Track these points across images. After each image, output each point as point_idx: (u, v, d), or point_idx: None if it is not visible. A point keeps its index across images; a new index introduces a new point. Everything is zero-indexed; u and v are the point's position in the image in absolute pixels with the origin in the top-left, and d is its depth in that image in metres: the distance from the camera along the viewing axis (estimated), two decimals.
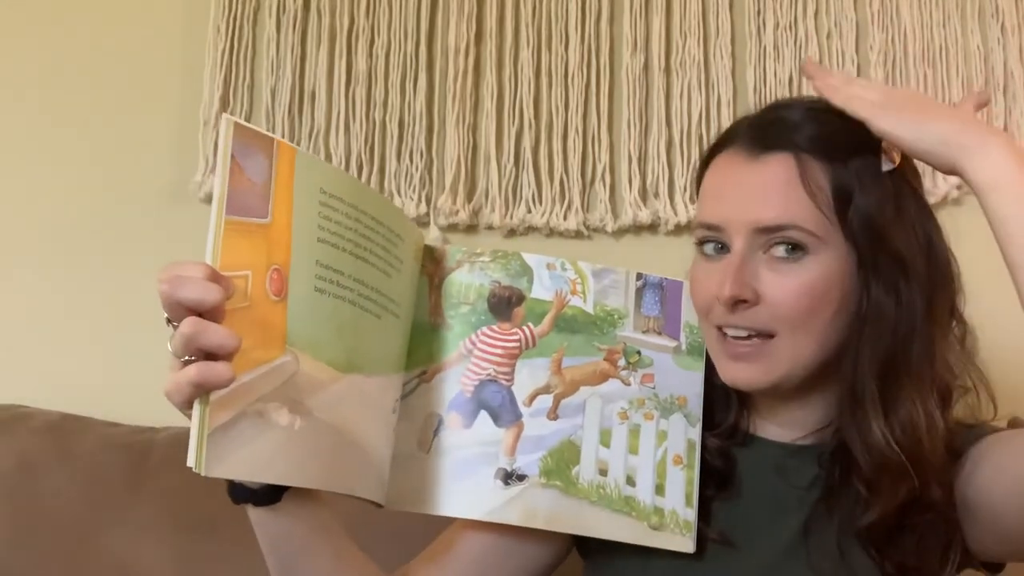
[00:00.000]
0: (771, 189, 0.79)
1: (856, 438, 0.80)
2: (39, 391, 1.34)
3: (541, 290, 0.86)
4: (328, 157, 1.40)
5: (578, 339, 0.85)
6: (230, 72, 1.41)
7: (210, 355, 0.61)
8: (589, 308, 0.86)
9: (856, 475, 0.80)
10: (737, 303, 0.79)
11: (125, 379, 1.36)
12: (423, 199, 1.39)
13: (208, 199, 1.37)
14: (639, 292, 0.88)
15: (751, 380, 0.82)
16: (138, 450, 1.24)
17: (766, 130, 0.83)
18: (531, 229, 1.40)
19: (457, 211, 1.38)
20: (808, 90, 1.36)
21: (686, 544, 0.82)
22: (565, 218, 1.38)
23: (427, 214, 1.39)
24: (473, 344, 0.84)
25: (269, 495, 0.75)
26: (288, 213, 0.68)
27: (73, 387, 1.37)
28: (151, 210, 1.42)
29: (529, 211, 1.38)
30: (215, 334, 0.61)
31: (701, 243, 0.84)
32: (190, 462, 0.61)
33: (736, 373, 0.82)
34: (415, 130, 1.40)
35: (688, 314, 0.88)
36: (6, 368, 1.39)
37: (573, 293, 0.86)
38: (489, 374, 0.84)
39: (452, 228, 1.39)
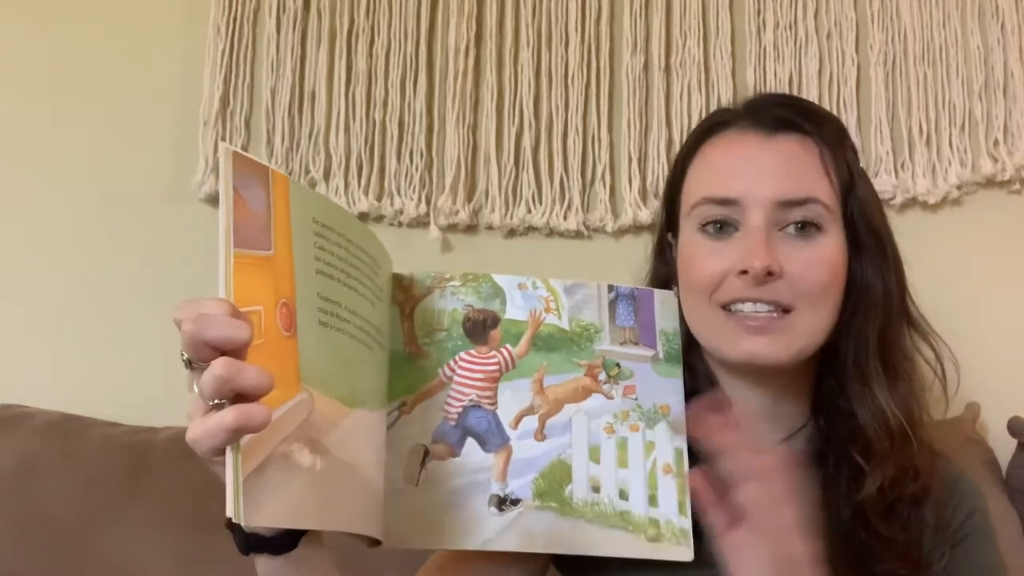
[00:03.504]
0: (793, 164, 0.83)
1: (864, 411, 0.83)
2: (39, 391, 1.34)
3: (515, 310, 0.85)
4: (328, 157, 1.40)
5: (557, 357, 0.84)
6: (230, 72, 1.41)
7: (239, 396, 0.57)
8: (565, 324, 0.86)
9: (855, 450, 0.82)
10: (767, 275, 0.80)
11: (125, 379, 1.36)
12: (423, 199, 1.39)
13: (208, 199, 1.38)
14: (612, 304, 0.87)
15: (773, 354, 0.81)
16: (138, 450, 1.24)
17: (777, 112, 0.86)
18: (531, 229, 1.40)
19: (457, 211, 1.38)
20: (806, 91, 1.37)
21: (684, 553, 0.81)
22: (565, 218, 1.38)
23: (427, 214, 1.39)
24: (452, 371, 0.83)
25: (286, 542, 0.68)
26: (288, 244, 0.66)
27: (73, 387, 1.37)
28: (151, 210, 1.42)
29: (529, 211, 1.38)
30: (251, 374, 0.57)
31: (704, 224, 0.85)
32: (229, 512, 0.56)
33: (756, 347, 0.81)
34: (415, 130, 1.40)
35: (662, 321, 0.88)
36: (6, 368, 1.39)
37: (547, 311, 0.85)
38: (472, 399, 0.82)
39: (452, 228, 1.40)
